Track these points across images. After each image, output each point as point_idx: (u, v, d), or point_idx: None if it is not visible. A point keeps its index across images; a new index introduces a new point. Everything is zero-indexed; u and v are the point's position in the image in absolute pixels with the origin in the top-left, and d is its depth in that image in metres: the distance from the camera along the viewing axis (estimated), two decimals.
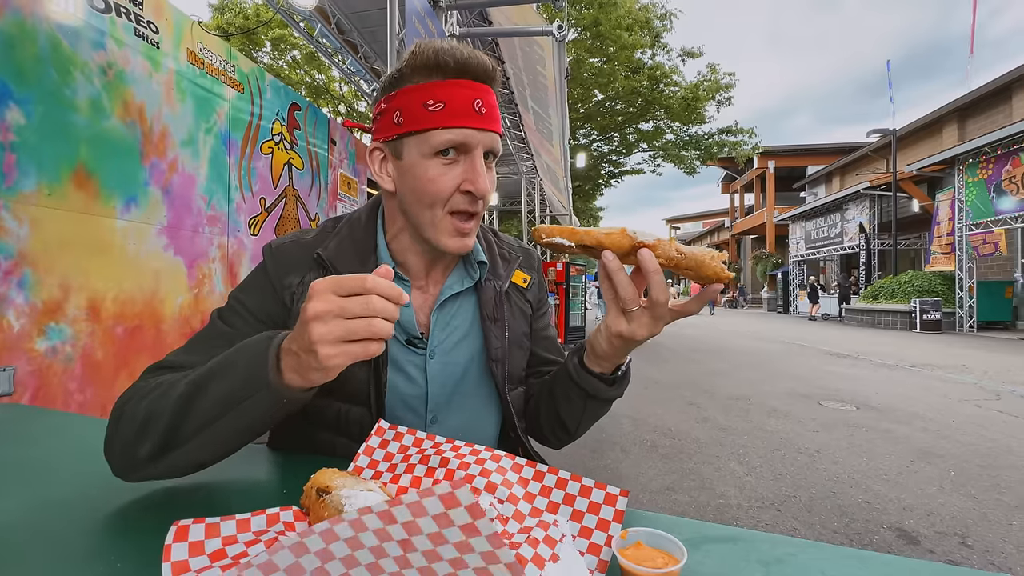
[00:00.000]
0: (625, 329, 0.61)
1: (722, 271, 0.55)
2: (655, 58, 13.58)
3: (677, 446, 2.98)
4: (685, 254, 0.56)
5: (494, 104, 0.69)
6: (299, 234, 0.77)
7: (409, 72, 0.66)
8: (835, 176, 21.86)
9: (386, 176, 0.71)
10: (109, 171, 2.38)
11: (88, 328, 2.29)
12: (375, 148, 0.71)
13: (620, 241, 0.57)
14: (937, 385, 5.12)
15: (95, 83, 2.33)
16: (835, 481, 2.48)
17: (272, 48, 12.03)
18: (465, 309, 0.78)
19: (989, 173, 11.02)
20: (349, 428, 0.71)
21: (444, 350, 0.75)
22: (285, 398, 0.51)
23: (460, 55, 0.64)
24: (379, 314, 0.46)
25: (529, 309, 0.85)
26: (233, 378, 0.52)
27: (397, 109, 0.66)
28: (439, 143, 0.64)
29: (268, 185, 3.57)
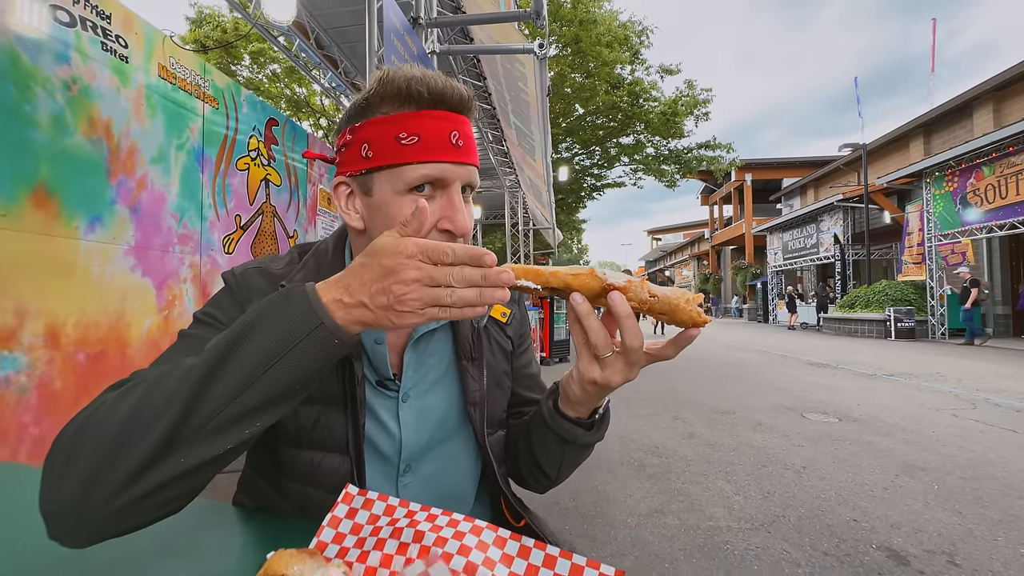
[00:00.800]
0: (599, 376, 0.57)
1: (698, 315, 0.51)
2: (635, 74, 13.85)
3: (665, 465, 2.95)
4: (658, 297, 0.52)
5: (471, 135, 0.65)
6: (263, 262, 0.71)
7: (377, 101, 0.61)
8: (809, 188, 22.49)
9: (354, 213, 0.65)
10: (72, 190, 2.27)
11: (46, 356, 2.15)
12: (341, 183, 0.66)
13: (588, 283, 0.54)
14: (915, 394, 5.21)
15: (58, 98, 2.23)
16: (822, 499, 2.47)
17: (251, 61, 11.91)
18: (441, 347, 0.73)
19: (955, 186, 11.44)
20: (322, 479, 0.65)
21: (419, 393, 0.70)
22: (341, 338, 0.49)
23: (434, 85, 0.60)
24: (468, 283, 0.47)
25: (509, 345, 0.79)
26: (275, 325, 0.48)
27: (365, 141, 0.61)
28: (414, 179, 0.59)
29: (244, 202, 3.47)
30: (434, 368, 0.72)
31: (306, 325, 0.48)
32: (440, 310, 0.47)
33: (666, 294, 0.52)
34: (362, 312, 0.48)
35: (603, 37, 12.15)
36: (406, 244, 0.47)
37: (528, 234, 13.14)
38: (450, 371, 0.73)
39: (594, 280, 0.53)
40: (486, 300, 0.48)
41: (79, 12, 2.33)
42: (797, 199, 23.58)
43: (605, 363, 0.56)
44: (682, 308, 0.51)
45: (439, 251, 0.47)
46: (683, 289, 0.53)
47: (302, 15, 4.28)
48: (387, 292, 0.46)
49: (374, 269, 0.47)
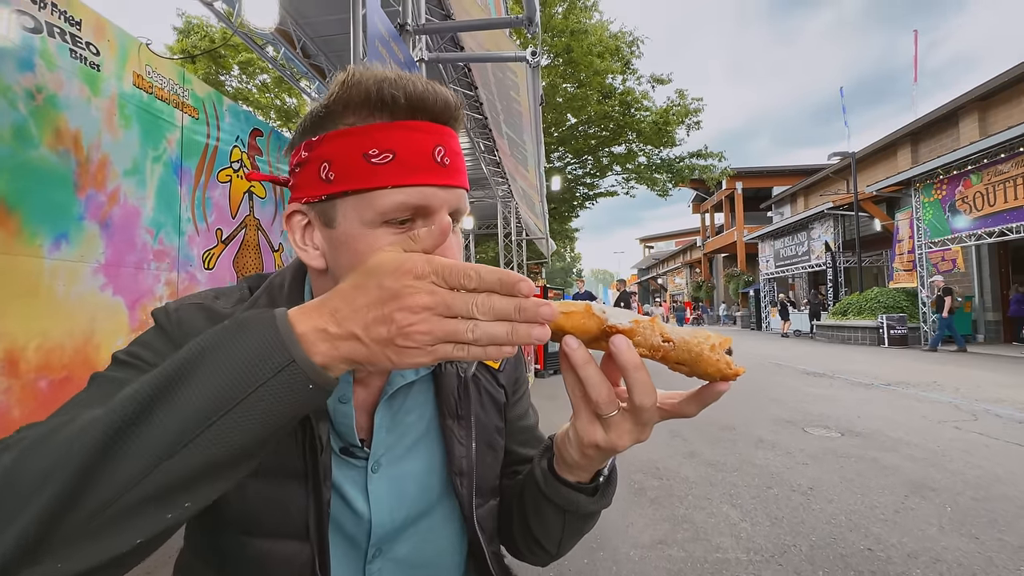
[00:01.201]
0: (601, 439, 0.46)
1: (727, 366, 0.40)
2: (626, 83, 13.92)
3: (666, 488, 2.82)
4: (675, 342, 0.41)
5: (458, 151, 0.52)
6: (206, 297, 0.58)
7: (340, 109, 0.48)
8: (799, 196, 22.68)
9: (312, 249, 0.52)
10: (35, 205, 2.13)
11: (3, 384, 1.99)
12: (295, 211, 0.52)
13: (584, 323, 0.43)
14: (915, 405, 5.14)
15: (20, 108, 2.09)
16: (833, 524, 2.35)
17: (241, 71, 11.80)
18: (420, 402, 0.60)
19: (943, 194, 11.54)
20: (276, 570, 0.52)
21: (392, 460, 0.57)
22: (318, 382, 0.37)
23: (413, 88, 0.48)
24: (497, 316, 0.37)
25: (503, 395, 0.66)
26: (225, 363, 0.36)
27: (325, 160, 0.48)
28: (388, 207, 0.47)
29: (225, 215, 3.33)
30: (412, 428, 0.59)
31: (270, 363, 0.36)
32: (456, 348, 0.37)
33: (684, 338, 0.41)
34: (352, 347, 0.37)
35: (594, 47, 12.21)
36: (415, 261, 0.37)
37: (521, 244, 13.05)
38: (431, 431, 0.60)
39: (591, 320, 0.43)
40: (519, 339, 0.37)
41: (45, 18, 2.21)
42: (787, 207, 23.77)
43: (609, 423, 0.45)
44: (707, 357, 0.40)
45: (459, 272, 0.37)
46: (705, 331, 0.42)
47: (287, 23, 4.18)
48: (388, 321, 0.36)
49: (371, 292, 0.37)
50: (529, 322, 0.37)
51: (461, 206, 0.52)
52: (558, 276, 43.83)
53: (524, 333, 0.37)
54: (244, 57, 10.76)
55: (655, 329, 0.41)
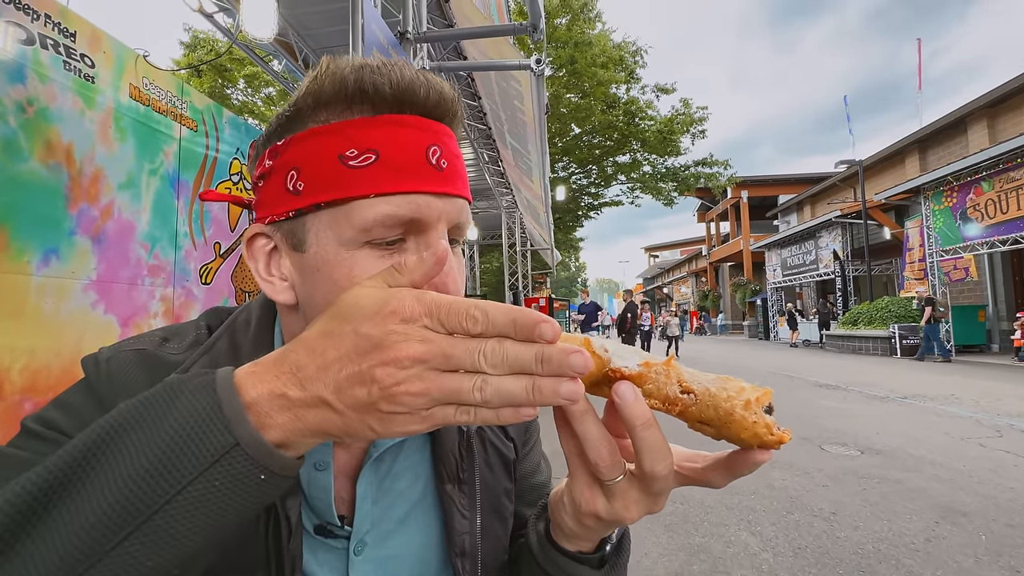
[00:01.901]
0: (603, 509, 0.36)
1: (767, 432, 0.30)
2: (630, 92, 13.91)
3: (680, 512, 2.68)
4: (697, 395, 0.31)
5: (458, 154, 0.42)
6: (151, 341, 0.47)
7: (310, 105, 0.39)
8: (806, 205, 22.52)
9: (279, 280, 0.42)
10: (23, 220, 2.06)
11: None
12: (257, 234, 0.43)
13: None
14: (935, 420, 4.96)
15: (10, 121, 2.03)
16: (860, 555, 2.21)
17: (246, 85, 11.89)
18: (412, 463, 0.49)
19: (954, 201, 11.38)
20: None
21: (379, 537, 0.46)
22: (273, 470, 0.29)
23: (400, 76, 0.38)
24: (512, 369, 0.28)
25: (511, 450, 0.55)
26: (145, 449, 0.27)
27: (293, 168, 0.39)
28: (371, 221, 0.37)
29: (224, 229, 3.26)
30: (403, 497, 0.48)
31: (204, 447, 0.27)
32: (459, 411, 0.29)
33: (710, 390, 0.31)
34: (321, 416, 0.29)
35: (598, 58, 12.22)
36: (402, 299, 0.29)
37: (526, 255, 12.97)
38: (426, 499, 0.49)
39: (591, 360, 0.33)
40: (542, 399, 0.29)
41: (39, 30, 2.16)
42: (794, 215, 23.61)
43: (613, 491, 0.36)
44: (739, 419, 0.30)
45: (460, 312, 0.29)
46: (738, 381, 0.32)
47: (288, 35, 4.16)
48: (368, 381, 0.28)
49: (345, 341, 0.29)
50: (555, 376, 0.28)
51: (462, 220, 0.42)
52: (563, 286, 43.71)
53: (549, 391, 0.28)
54: (249, 71, 10.84)
55: (671, 376, 0.32)
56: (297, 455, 0.31)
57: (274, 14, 2.91)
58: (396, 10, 3.04)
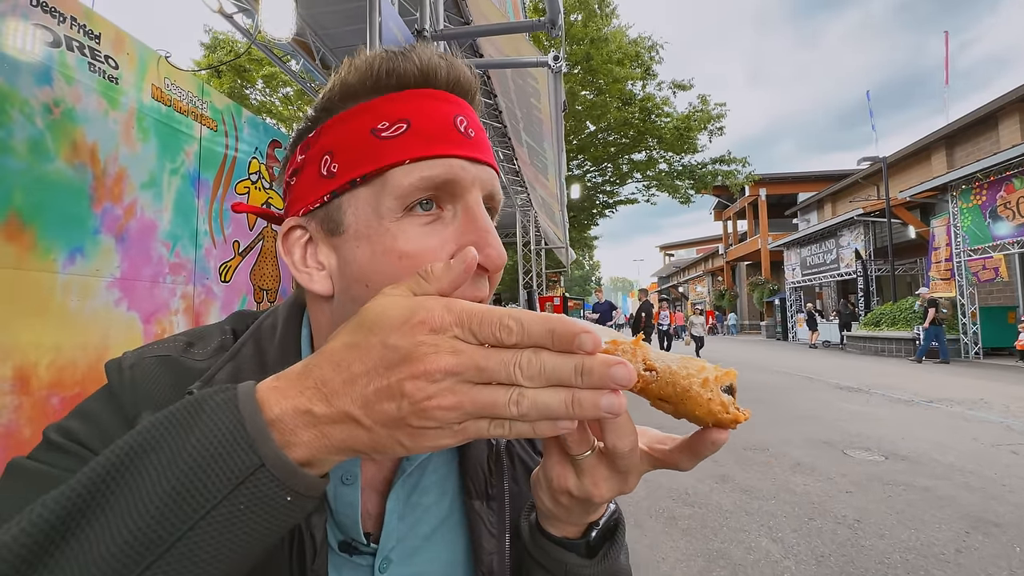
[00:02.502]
0: (574, 485, 0.36)
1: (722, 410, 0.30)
2: (646, 89, 13.75)
3: (699, 517, 2.63)
4: (658, 371, 0.31)
5: (482, 128, 0.43)
6: (175, 347, 0.46)
7: (339, 96, 0.39)
8: (827, 203, 22.03)
9: (316, 270, 0.42)
10: (50, 219, 2.10)
11: (14, 402, 1.95)
12: (293, 227, 0.42)
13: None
14: (962, 425, 4.81)
15: (37, 122, 2.07)
16: (887, 564, 2.14)
17: (265, 85, 12.05)
18: (440, 478, 0.48)
19: (983, 199, 11.01)
20: None
21: (405, 554, 0.45)
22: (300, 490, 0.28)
23: (423, 57, 0.39)
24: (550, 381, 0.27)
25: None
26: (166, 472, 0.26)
27: (326, 153, 0.39)
28: (409, 187, 0.37)
29: (243, 227, 3.30)
30: (430, 513, 0.47)
31: (229, 469, 0.26)
32: (494, 425, 0.28)
33: (671, 367, 0.31)
34: (348, 432, 0.28)
35: (614, 55, 12.10)
36: (430, 308, 0.28)
37: (540, 253, 12.93)
38: (453, 515, 0.48)
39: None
40: (583, 412, 0.27)
41: (64, 32, 2.20)
42: (814, 214, 23.11)
43: (582, 467, 0.36)
44: (695, 395, 0.30)
45: (493, 321, 0.27)
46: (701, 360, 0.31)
47: (306, 34, 4.19)
48: (397, 395, 0.27)
49: (372, 353, 0.28)
50: (596, 388, 0.27)
51: (495, 189, 0.42)
52: (577, 284, 43.54)
53: (590, 404, 0.27)
54: (268, 71, 10.98)
55: (637, 354, 0.32)
56: (323, 473, 0.30)
57: (292, 14, 2.93)
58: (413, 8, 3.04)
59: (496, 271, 0.40)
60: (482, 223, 0.39)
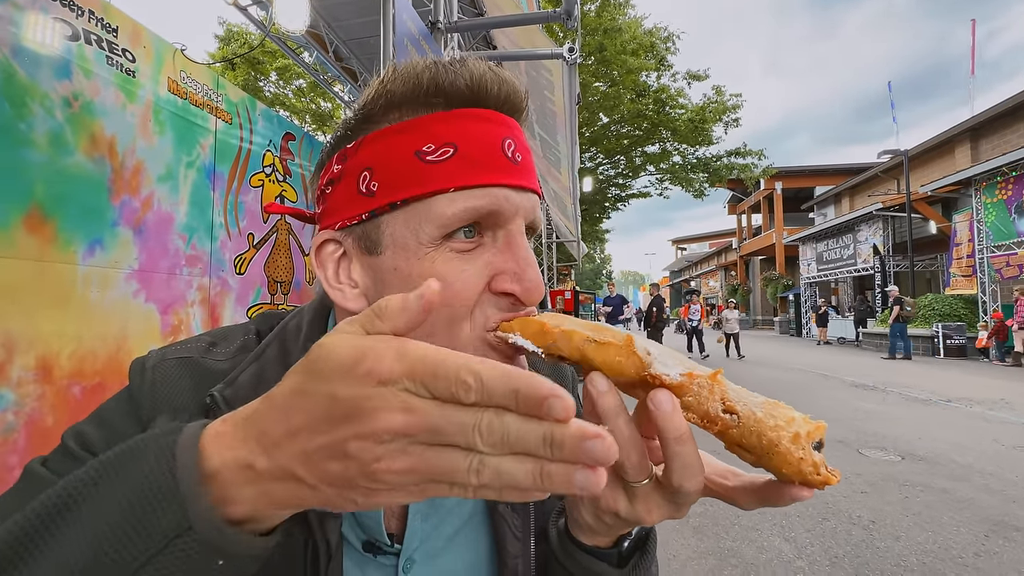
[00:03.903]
0: (624, 509, 0.35)
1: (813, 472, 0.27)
2: (661, 80, 13.54)
3: (709, 515, 2.62)
4: (740, 416, 0.29)
5: (528, 148, 0.41)
6: (197, 347, 0.47)
7: (382, 106, 0.38)
8: (844, 197, 21.60)
9: (349, 287, 0.41)
10: (70, 212, 2.14)
11: (36, 391, 2.00)
12: (327, 240, 0.42)
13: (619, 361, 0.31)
14: (982, 426, 4.71)
15: (57, 116, 2.10)
16: (903, 567, 2.11)
17: (278, 77, 12.11)
18: None
19: (1009, 194, 10.70)
20: None
21: (428, 555, 0.45)
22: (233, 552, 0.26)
23: (474, 72, 0.38)
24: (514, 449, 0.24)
25: None
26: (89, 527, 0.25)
27: (365, 168, 0.38)
28: (452, 217, 0.36)
29: (257, 219, 3.33)
30: (453, 513, 0.47)
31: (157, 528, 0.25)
32: (455, 489, 0.25)
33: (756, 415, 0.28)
34: (293, 490, 0.26)
35: (628, 45, 11.92)
36: (380, 354, 0.25)
37: (551, 247, 12.89)
38: (476, 516, 0.48)
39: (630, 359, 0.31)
40: (554, 487, 0.24)
41: (83, 25, 2.22)
42: (831, 208, 22.69)
43: (636, 492, 0.34)
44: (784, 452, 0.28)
45: (448, 375, 0.24)
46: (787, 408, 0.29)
47: (319, 26, 4.18)
48: (342, 455, 0.24)
49: (316, 403, 0.25)
50: (568, 463, 0.24)
51: (536, 217, 0.41)
52: (588, 278, 43.37)
53: (561, 479, 0.24)
54: (281, 63, 11.02)
55: (715, 392, 0.30)
56: (270, 528, 0.28)
57: (306, 6, 2.92)
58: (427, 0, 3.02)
59: (532, 304, 0.38)
60: (523, 253, 0.38)
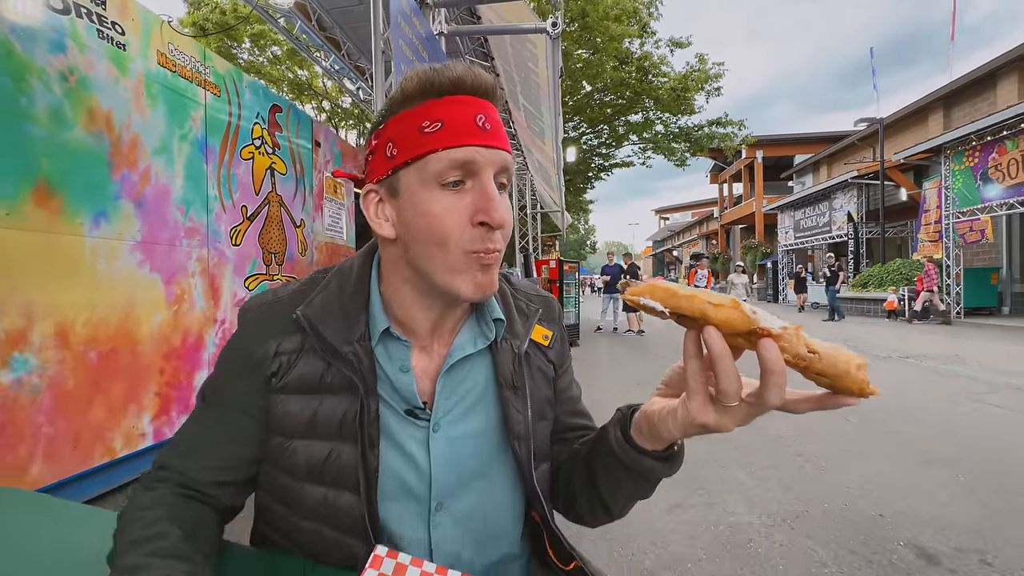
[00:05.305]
0: (712, 421, 0.48)
1: (867, 386, 0.42)
2: (643, 47, 13.44)
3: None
4: (820, 355, 0.42)
5: (499, 121, 0.60)
6: (281, 289, 0.66)
7: (400, 99, 0.57)
8: (822, 165, 21.99)
9: (384, 221, 0.60)
10: (75, 185, 2.22)
11: (57, 356, 2.13)
12: (369, 191, 0.61)
13: (732, 318, 0.44)
14: (932, 378, 5.13)
15: (55, 90, 2.15)
16: (845, 492, 2.42)
17: (252, 44, 11.68)
18: (477, 373, 0.66)
19: (975, 161, 11.10)
20: (339, 519, 0.60)
21: (451, 421, 0.64)
22: None
23: (454, 71, 0.56)
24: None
25: (551, 370, 0.73)
26: None
27: (390, 141, 0.57)
28: (440, 168, 0.55)
29: (249, 192, 3.40)
30: (470, 394, 0.66)
31: None
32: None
33: (831, 353, 0.42)
34: None
35: (611, 11, 11.76)
36: None
37: (536, 217, 12.99)
38: (487, 397, 0.66)
39: (740, 317, 0.44)
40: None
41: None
42: (809, 176, 23.09)
43: (725, 410, 0.47)
44: (852, 376, 0.41)
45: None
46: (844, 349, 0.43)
47: None
48: None
49: None
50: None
51: (506, 165, 0.58)
52: (572, 249, 43.56)
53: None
54: (256, 29, 10.64)
55: (800, 337, 0.43)
56: None
57: None
58: None
59: (499, 227, 0.56)
60: (490, 193, 0.55)
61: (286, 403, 0.61)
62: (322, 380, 0.61)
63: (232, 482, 0.63)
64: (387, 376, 0.62)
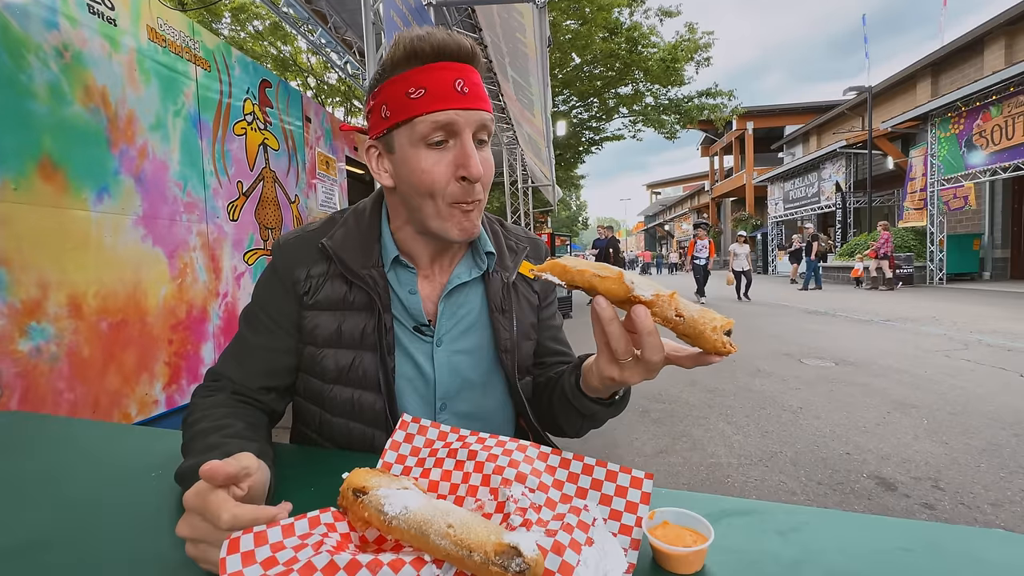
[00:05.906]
0: (617, 375, 0.56)
1: (723, 346, 0.48)
2: (633, 17, 13.26)
3: (668, 410, 3.09)
4: (684, 318, 0.48)
5: (478, 83, 0.68)
6: (306, 226, 0.79)
7: (390, 66, 0.66)
8: (812, 135, 22.01)
9: (383, 172, 0.71)
10: (77, 161, 2.28)
11: (71, 325, 2.23)
12: (370, 145, 0.72)
13: (614, 288, 0.51)
14: (910, 338, 5.35)
15: (52, 67, 2.19)
16: (818, 435, 2.61)
17: (232, 19, 11.39)
18: (473, 299, 0.79)
19: (960, 128, 11.22)
20: (363, 414, 0.73)
21: (451, 338, 0.76)
22: None
23: (436, 39, 0.64)
24: None
25: (536, 300, 0.85)
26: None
27: (383, 103, 0.66)
28: (425, 130, 0.64)
29: (244, 168, 3.45)
30: (466, 317, 0.78)
31: None
32: None
33: (693, 316, 0.49)
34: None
35: None
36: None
37: (527, 192, 13.00)
38: (481, 320, 0.79)
39: (620, 287, 0.51)
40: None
41: None
42: (799, 147, 23.13)
43: (624, 365, 0.55)
44: (707, 337, 0.48)
45: None
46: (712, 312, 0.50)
47: None
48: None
49: None
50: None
51: (485, 124, 0.67)
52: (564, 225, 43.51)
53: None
54: (237, 2, 10.36)
55: (671, 304, 0.50)
56: None
57: None
58: None
59: (477, 179, 0.66)
60: (468, 150, 0.65)
61: (316, 318, 0.73)
62: (345, 299, 0.73)
63: (276, 387, 0.75)
64: (399, 298, 0.74)
